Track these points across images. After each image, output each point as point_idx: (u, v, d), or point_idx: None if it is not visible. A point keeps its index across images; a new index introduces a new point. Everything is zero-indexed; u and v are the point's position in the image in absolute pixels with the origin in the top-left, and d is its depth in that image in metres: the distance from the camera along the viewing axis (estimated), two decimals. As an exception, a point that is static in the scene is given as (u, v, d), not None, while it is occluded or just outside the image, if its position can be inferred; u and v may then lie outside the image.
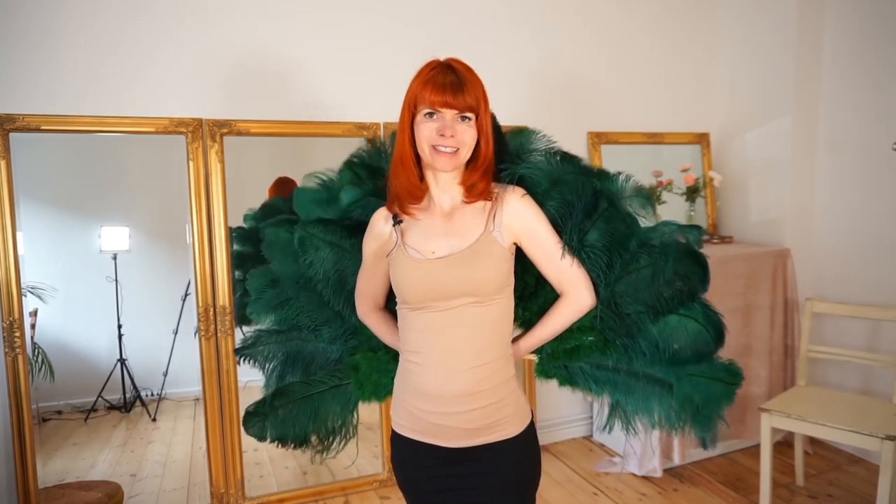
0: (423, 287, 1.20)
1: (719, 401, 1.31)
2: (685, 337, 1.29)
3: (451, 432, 1.22)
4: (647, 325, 1.29)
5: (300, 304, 1.47)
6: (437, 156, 1.17)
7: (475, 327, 1.20)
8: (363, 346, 1.45)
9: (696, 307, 1.30)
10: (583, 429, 3.25)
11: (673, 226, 1.29)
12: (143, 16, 2.35)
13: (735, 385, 1.31)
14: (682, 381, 1.30)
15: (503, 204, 1.23)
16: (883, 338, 2.80)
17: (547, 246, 1.24)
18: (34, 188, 2.30)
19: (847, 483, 2.71)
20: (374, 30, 2.68)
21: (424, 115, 1.17)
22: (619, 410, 1.37)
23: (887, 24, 2.77)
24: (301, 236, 1.41)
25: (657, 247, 1.26)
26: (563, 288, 1.27)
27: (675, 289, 1.28)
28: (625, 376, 1.34)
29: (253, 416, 1.49)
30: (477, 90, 1.17)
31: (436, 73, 1.16)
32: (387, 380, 1.42)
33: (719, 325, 1.30)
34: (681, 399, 1.30)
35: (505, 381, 1.25)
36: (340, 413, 1.50)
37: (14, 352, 2.18)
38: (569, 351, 1.33)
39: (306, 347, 1.50)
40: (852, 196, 2.95)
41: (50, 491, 2.24)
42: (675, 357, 1.31)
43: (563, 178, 1.26)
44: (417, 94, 1.16)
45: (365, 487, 2.70)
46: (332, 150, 2.67)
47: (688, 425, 1.32)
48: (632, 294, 1.27)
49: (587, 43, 3.12)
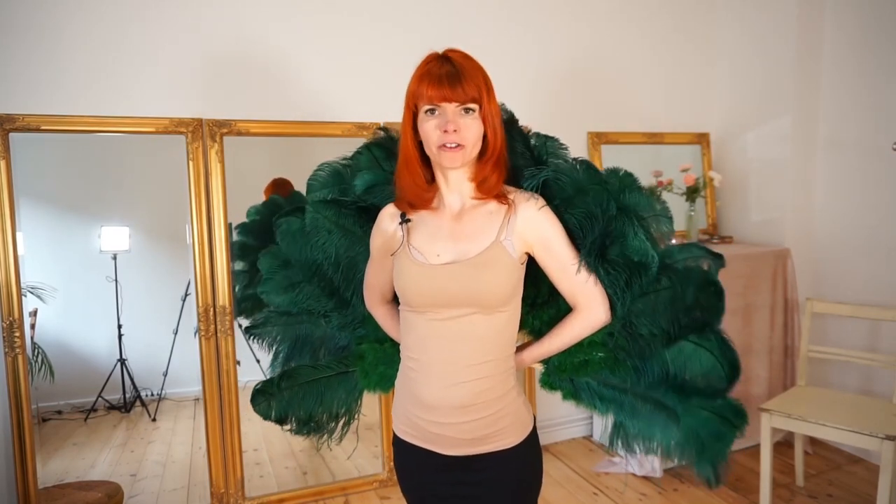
0: (425, 292, 1.16)
1: (724, 440, 1.26)
2: (698, 368, 1.24)
3: (449, 441, 1.20)
4: (660, 349, 1.24)
5: (311, 289, 1.45)
6: (443, 153, 1.10)
7: (477, 339, 1.16)
8: (370, 336, 1.44)
9: (713, 339, 1.25)
10: (583, 429, 3.25)
11: (702, 251, 1.25)
12: (143, 16, 2.35)
13: (738, 428, 1.26)
14: (688, 413, 1.26)
15: (519, 211, 1.17)
16: (883, 338, 2.80)
17: (562, 258, 1.18)
18: (34, 188, 2.30)
19: (847, 483, 2.71)
20: (374, 30, 2.68)
21: (426, 113, 1.11)
22: (621, 431, 1.34)
23: (887, 24, 2.77)
24: (313, 217, 1.38)
25: (680, 270, 1.22)
26: (576, 302, 1.21)
27: (692, 316, 1.24)
28: (631, 398, 1.29)
29: (260, 393, 1.49)
30: (477, 79, 1.10)
31: (432, 66, 1.10)
32: (392, 371, 1.39)
33: (735, 362, 1.25)
34: (685, 431, 1.26)
35: (504, 393, 1.21)
36: (345, 400, 1.49)
37: (14, 352, 2.18)
38: (577, 365, 1.28)
39: (315, 332, 1.49)
40: (852, 196, 2.95)
41: (50, 491, 2.24)
42: (684, 386, 1.26)
43: (589, 188, 1.20)
44: (416, 91, 1.11)
45: (365, 487, 2.70)
46: (332, 150, 2.65)
47: (692, 462, 1.28)
48: (648, 315, 1.22)
49: (587, 43, 3.12)
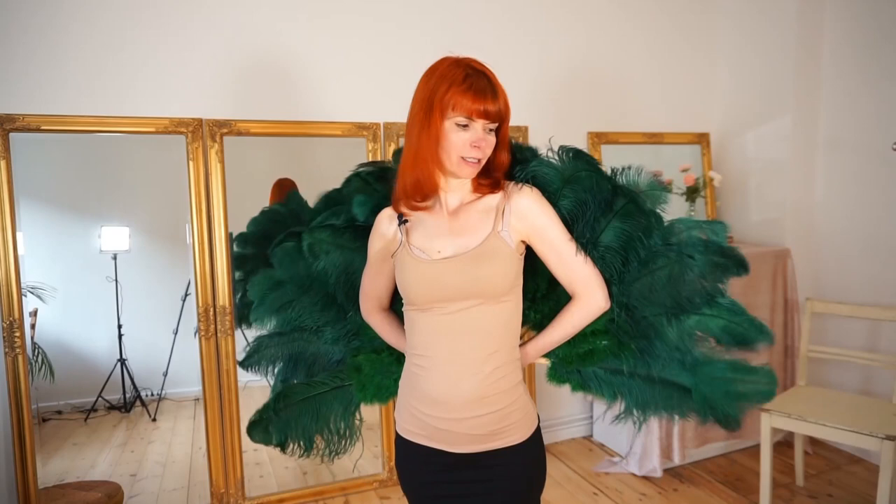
0: (429, 288, 1.17)
1: (754, 397, 1.25)
2: (712, 334, 1.23)
3: (457, 438, 1.20)
4: (663, 328, 1.24)
5: (303, 305, 1.46)
6: (464, 165, 1.15)
7: (483, 330, 1.18)
8: (366, 348, 1.44)
9: (722, 305, 1.23)
10: (583, 429, 3.25)
11: (689, 221, 1.23)
12: (143, 16, 2.35)
13: (770, 388, 1.25)
14: (700, 384, 1.25)
15: (512, 202, 1.19)
16: (883, 338, 2.80)
17: (558, 245, 1.20)
18: (34, 188, 2.30)
19: (847, 483, 2.71)
20: (374, 30, 2.69)
21: (457, 124, 1.13)
22: (632, 413, 1.33)
23: (886, 24, 2.77)
24: (310, 243, 1.41)
25: (673, 246, 1.22)
26: (574, 289, 1.22)
27: (693, 288, 1.22)
28: (640, 381, 1.29)
29: (256, 423, 1.50)
30: (506, 100, 1.17)
31: (471, 79, 1.13)
32: (389, 382, 1.41)
33: (750, 318, 1.22)
34: (700, 402, 1.26)
35: (513, 386, 1.21)
36: (343, 414, 1.49)
37: (14, 352, 2.18)
38: (582, 355, 1.29)
39: (308, 349, 1.49)
40: (852, 196, 2.95)
41: (50, 491, 2.24)
42: (698, 360, 1.25)
43: (576, 176, 1.22)
44: (454, 100, 1.12)
45: (365, 487, 2.70)
46: (332, 150, 2.69)
47: (711, 421, 1.27)
48: (647, 297, 1.22)
49: (587, 43, 3.12)
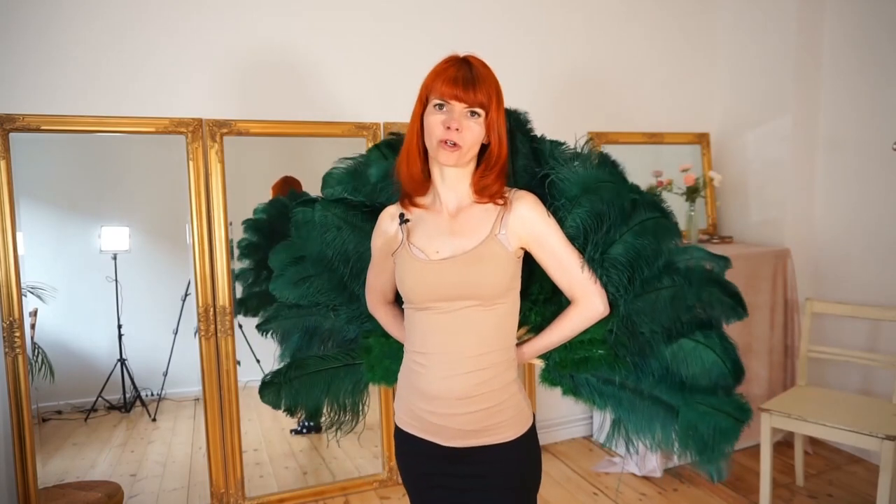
0: (426, 288, 1.20)
1: (727, 435, 1.27)
2: (699, 365, 1.26)
3: (449, 432, 1.23)
4: (660, 347, 1.27)
5: (321, 282, 1.48)
6: (441, 149, 1.16)
7: (477, 331, 1.20)
8: (378, 330, 1.47)
9: (714, 337, 1.27)
10: (583, 429, 3.25)
11: (702, 252, 1.28)
12: (143, 16, 2.35)
13: (742, 421, 1.27)
14: (688, 408, 1.28)
15: (513, 208, 1.21)
16: (883, 338, 2.80)
17: (557, 252, 1.22)
18: (34, 188, 2.30)
19: (847, 483, 2.71)
20: (376, 30, 2.68)
21: (434, 107, 1.17)
22: (620, 427, 1.37)
23: (886, 24, 2.77)
24: (322, 215, 1.43)
25: (682, 270, 1.25)
26: (574, 295, 1.25)
27: (693, 315, 1.26)
28: (630, 394, 1.32)
29: (269, 384, 1.54)
30: (490, 87, 1.17)
31: (450, 66, 1.17)
32: (397, 366, 1.42)
33: (737, 359, 1.27)
34: (684, 426, 1.28)
35: (505, 385, 1.24)
36: (352, 391, 1.53)
37: (14, 352, 2.18)
38: (577, 361, 1.31)
39: (324, 324, 1.52)
40: (852, 196, 2.95)
41: (50, 491, 2.24)
42: (685, 384, 1.28)
43: (597, 186, 1.23)
44: (430, 84, 1.18)
45: (365, 487, 2.70)
46: (332, 150, 2.67)
47: (694, 457, 1.29)
48: (648, 314, 1.25)
49: (587, 43, 3.12)
